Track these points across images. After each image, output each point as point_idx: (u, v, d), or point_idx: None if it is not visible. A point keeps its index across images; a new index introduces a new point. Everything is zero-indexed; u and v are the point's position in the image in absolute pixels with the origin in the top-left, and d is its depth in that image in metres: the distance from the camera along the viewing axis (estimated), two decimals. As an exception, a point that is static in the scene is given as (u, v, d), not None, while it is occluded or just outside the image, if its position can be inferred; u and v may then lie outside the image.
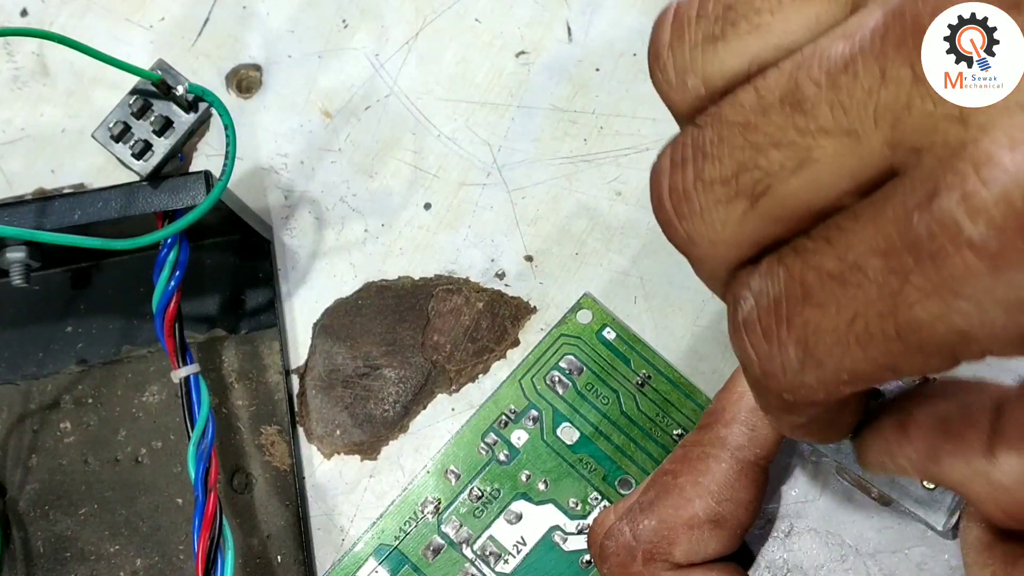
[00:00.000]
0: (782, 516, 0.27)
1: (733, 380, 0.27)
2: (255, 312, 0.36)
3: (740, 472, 0.26)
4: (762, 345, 0.19)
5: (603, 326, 0.34)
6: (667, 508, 0.26)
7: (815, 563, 0.26)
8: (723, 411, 0.27)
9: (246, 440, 0.34)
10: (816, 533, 0.27)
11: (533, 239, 0.36)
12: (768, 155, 0.18)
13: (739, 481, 0.26)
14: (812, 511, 0.27)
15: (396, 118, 0.38)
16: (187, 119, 0.30)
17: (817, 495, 0.27)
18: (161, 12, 0.39)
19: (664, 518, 0.26)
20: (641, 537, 0.26)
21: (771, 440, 0.26)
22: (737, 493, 0.25)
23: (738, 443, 0.26)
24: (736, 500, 0.25)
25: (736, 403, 0.26)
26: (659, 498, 0.26)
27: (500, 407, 0.33)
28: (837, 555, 0.26)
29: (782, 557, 0.27)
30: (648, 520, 0.26)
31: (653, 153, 0.36)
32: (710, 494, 0.25)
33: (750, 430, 0.26)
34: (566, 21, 0.38)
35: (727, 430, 0.26)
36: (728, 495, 0.25)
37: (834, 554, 0.26)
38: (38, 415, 0.35)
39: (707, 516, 0.25)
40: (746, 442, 0.26)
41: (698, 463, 0.26)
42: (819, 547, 0.26)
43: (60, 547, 0.33)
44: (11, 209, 0.30)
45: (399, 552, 0.32)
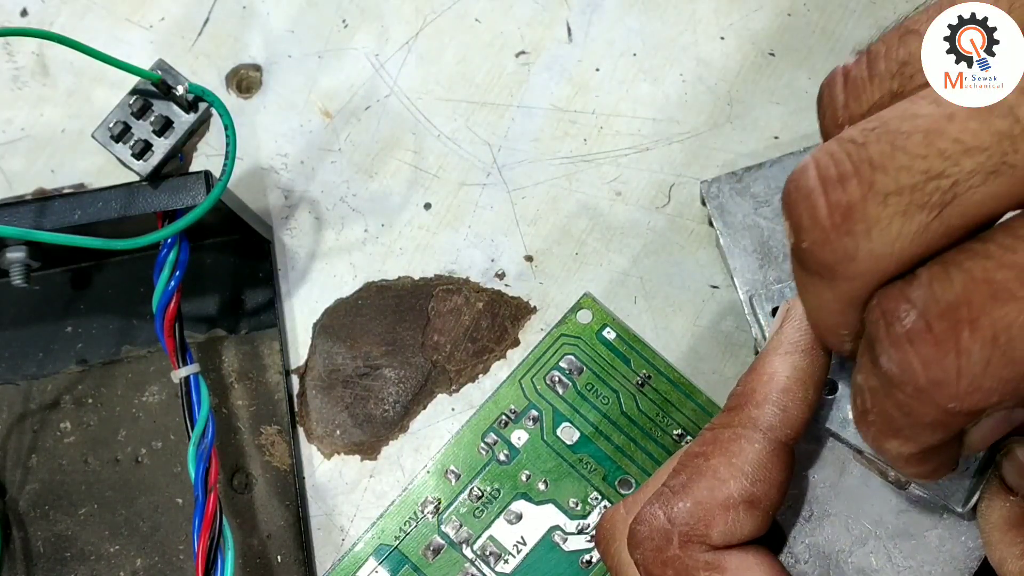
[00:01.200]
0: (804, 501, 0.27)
1: (761, 362, 0.27)
2: (255, 312, 0.36)
3: (772, 452, 0.25)
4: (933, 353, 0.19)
5: (603, 326, 0.34)
6: (702, 489, 0.26)
7: (837, 547, 0.26)
8: (753, 392, 0.26)
9: (246, 440, 0.34)
10: (837, 517, 0.27)
11: (533, 239, 0.36)
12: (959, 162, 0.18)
13: (772, 461, 0.25)
14: (832, 495, 0.27)
15: (396, 118, 0.38)
16: (187, 119, 0.30)
17: (836, 479, 0.27)
18: (161, 12, 0.39)
19: (700, 499, 0.25)
20: (677, 520, 0.25)
21: (801, 421, 0.26)
22: (770, 473, 0.25)
23: (770, 423, 0.26)
24: (769, 480, 0.25)
25: (767, 384, 0.26)
26: (692, 480, 0.26)
27: (500, 407, 0.33)
28: (859, 538, 0.26)
29: (804, 542, 0.27)
30: (683, 502, 0.26)
31: (653, 153, 0.36)
32: (744, 475, 0.25)
33: (781, 410, 0.26)
34: (566, 21, 0.38)
35: (759, 411, 0.26)
36: (762, 475, 0.25)
37: (855, 538, 0.26)
38: (38, 415, 0.35)
39: (742, 497, 0.25)
40: (778, 422, 0.26)
41: (731, 444, 0.26)
42: (841, 531, 0.27)
43: (60, 547, 0.33)
44: (11, 209, 0.30)
45: (399, 552, 0.32)
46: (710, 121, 0.36)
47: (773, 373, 0.26)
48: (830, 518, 0.27)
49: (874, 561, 0.26)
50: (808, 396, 0.26)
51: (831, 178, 0.19)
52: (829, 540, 0.27)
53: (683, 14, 0.38)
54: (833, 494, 0.27)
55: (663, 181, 0.36)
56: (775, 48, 0.37)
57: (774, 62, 0.37)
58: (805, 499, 0.27)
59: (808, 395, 0.26)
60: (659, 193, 0.36)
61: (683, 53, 0.37)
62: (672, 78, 0.37)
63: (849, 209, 0.19)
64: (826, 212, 0.19)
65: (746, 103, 0.36)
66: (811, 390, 0.26)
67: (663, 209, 0.36)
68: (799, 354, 0.26)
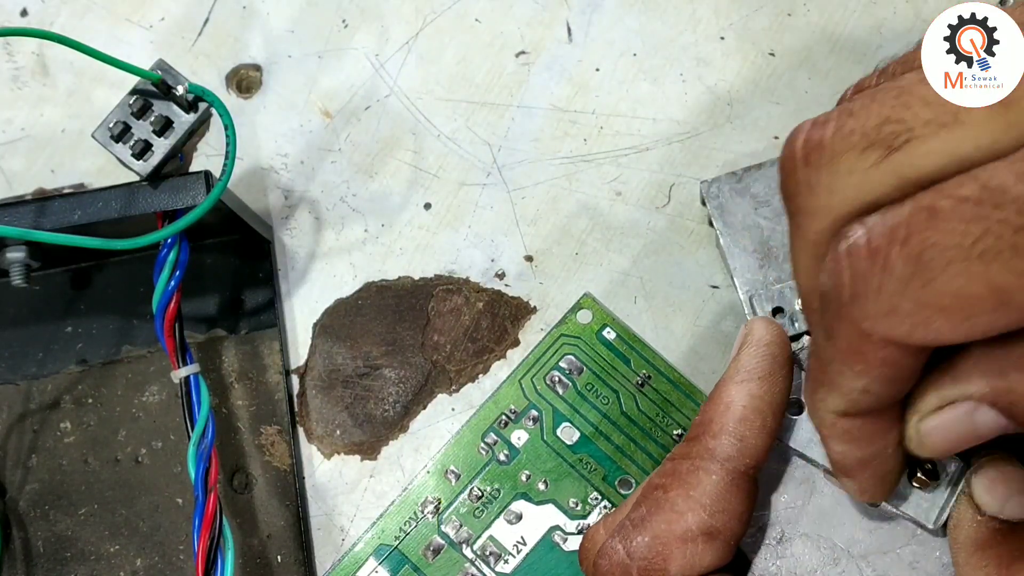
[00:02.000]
0: (773, 523, 0.27)
1: (719, 390, 0.27)
2: (255, 312, 0.36)
3: (731, 483, 0.25)
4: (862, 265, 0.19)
5: (603, 326, 0.34)
6: (660, 523, 0.25)
7: (808, 568, 0.26)
8: (711, 422, 0.26)
9: (246, 440, 0.34)
10: (807, 538, 0.26)
11: (533, 239, 0.36)
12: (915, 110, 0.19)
13: (730, 492, 0.25)
14: (802, 516, 0.27)
15: (396, 118, 0.38)
16: (187, 119, 0.30)
17: (806, 500, 0.27)
18: (161, 12, 0.39)
19: (657, 533, 0.25)
20: (635, 554, 0.25)
21: (760, 449, 0.26)
22: (729, 504, 0.25)
23: (727, 454, 0.26)
24: (728, 511, 0.25)
25: (724, 414, 0.26)
26: (651, 513, 0.26)
27: (500, 407, 0.33)
28: (830, 558, 0.26)
29: (775, 564, 0.26)
30: (641, 536, 0.26)
31: (653, 153, 0.36)
32: (702, 507, 0.25)
33: (739, 440, 0.26)
34: (566, 21, 0.38)
35: (715, 441, 0.26)
36: (720, 507, 0.25)
37: (826, 557, 0.26)
38: (38, 415, 0.35)
39: (700, 529, 0.25)
40: (735, 453, 0.26)
41: (688, 476, 0.26)
42: (811, 552, 0.26)
43: (60, 547, 0.33)
44: (11, 209, 0.30)
45: (399, 552, 0.32)
46: (710, 121, 0.36)
47: (730, 402, 0.26)
48: (800, 539, 0.27)
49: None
50: (767, 423, 0.26)
51: (817, 123, 0.20)
52: (799, 561, 0.26)
53: (683, 14, 0.38)
54: (803, 514, 0.27)
55: (663, 181, 0.36)
56: (775, 48, 0.37)
57: (774, 62, 0.37)
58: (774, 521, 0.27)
59: (766, 423, 0.26)
60: (659, 193, 0.36)
61: (683, 53, 0.37)
62: (672, 78, 0.37)
63: (819, 144, 0.20)
64: (800, 146, 0.21)
65: (746, 103, 0.36)
66: (769, 417, 0.26)
67: (663, 209, 0.36)
68: (755, 381, 0.26)
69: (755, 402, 0.26)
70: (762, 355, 0.26)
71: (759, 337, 0.27)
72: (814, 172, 0.20)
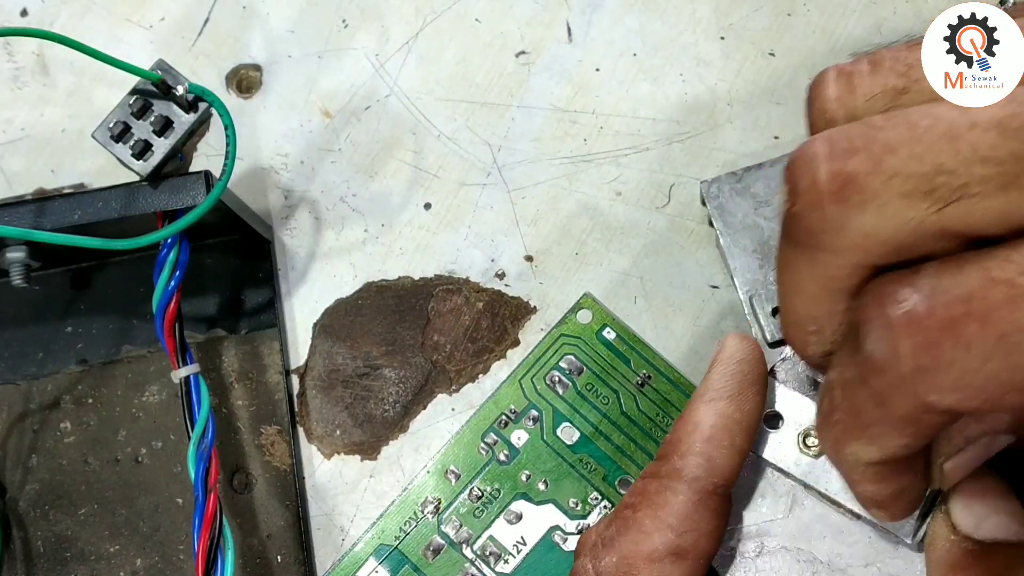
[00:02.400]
0: (751, 536, 0.27)
1: (688, 409, 0.27)
2: (255, 312, 0.36)
3: (699, 503, 0.25)
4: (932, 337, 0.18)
5: (603, 326, 0.34)
6: (627, 543, 0.25)
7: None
8: (679, 442, 0.26)
9: (246, 440, 0.34)
10: (787, 551, 0.26)
11: (533, 239, 0.36)
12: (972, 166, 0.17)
13: (698, 512, 0.25)
14: (781, 529, 0.27)
15: (396, 118, 0.38)
16: (187, 119, 0.30)
17: (786, 513, 0.27)
18: (161, 12, 0.39)
19: (625, 553, 0.25)
20: (604, 573, 0.25)
21: (729, 468, 0.26)
22: (697, 524, 0.25)
23: (694, 474, 0.25)
24: (697, 530, 0.25)
25: (691, 434, 0.26)
26: (619, 533, 0.26)
27: (500, 407, 0.33)
28: (809, 571, 0.26)
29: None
30: (610, 556, 0.26)
31: (653, 153, 0.36)
32: (669, 527, 0.25)
33: (706, 460, 0.26)
34: (566, 21, 0.38)
35: (683, 461, 0.26)
36: (688, 526, 0.25)
37: (806, 570, 0.26)
38: (38, 415, 0.35)
39: (667, 549, 0.25)
40: (702, 473, 0.25)
41: (656, 496, 0.26)
42: (790, 565, 0.26)
43: (60, 547, 0.33)
44: (11, 209, 0.30)
45: (399, 552, 0.32)
46: (710, 121, 0.36)
47: (697, 422, 0.26)
48: (779, 552, 0.26)
49: None
50: (736, 443, 0.26)
51: (840, 149, 0.18)
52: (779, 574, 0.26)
53: (683, 14, 0.38)
54: (782, 527, 0.27)
55: (663, 181, 0.36)
56: (775, 48, 0.37)
57: (774, 62, 0.37)
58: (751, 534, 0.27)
59: (736, 442, 0.26)
60: (659, 193, 0.36)
61: (683, 53, 0.37)
62: (672, 78, 0.37)
63: (851, 178, 0.18)
64: (826, 177, 0.19)
65: (746, 103, 0.36)
66: (739, 436, 0.26)
67: (663, 209, 0.36)
68: (724, 400, 0.26)
69: (724, 421, 0.26)
70: (732, 373, 0.26)
71: (730, 354, 0.27)
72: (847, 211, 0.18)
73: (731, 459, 0.26)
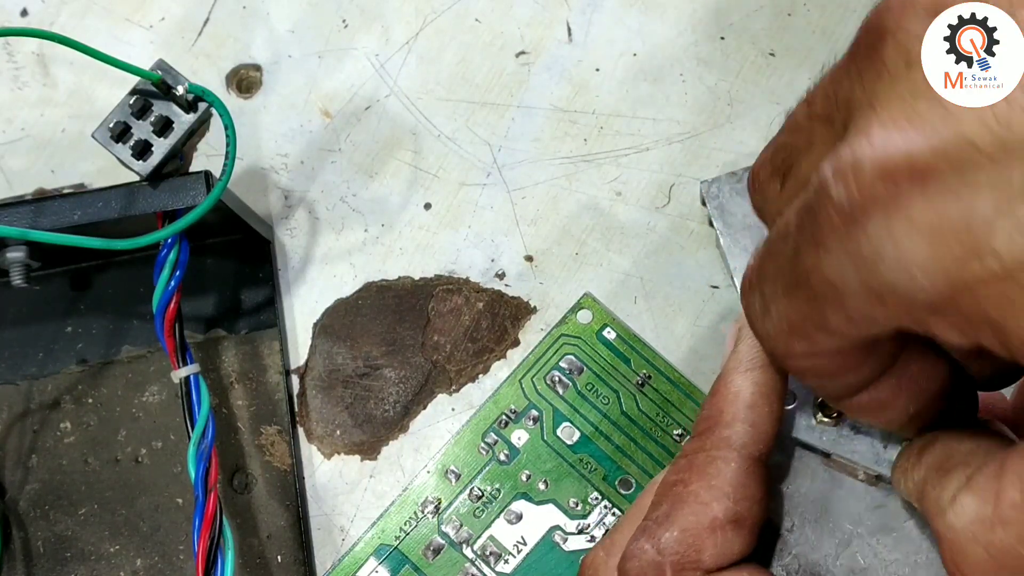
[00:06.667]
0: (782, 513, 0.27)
1: (724, 381, 0.27)
2: (255, 312, 0.36)
3: (749, 469, 0.26)
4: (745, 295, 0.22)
5: (603, 326, 0.34)
6: (687, 516, 0.26)
7: (823, 553, 0.26)
8: (721, 413, 0.27)
9: (246, 440, 0.34)
10: (817, 524, 0.27)
11: (533, 239, 0.36)
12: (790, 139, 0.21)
13: (749, 478, 0.26)
14: (808, 504, 0.27)
15: (396, 118, 0.38)
16: (187, 119, 0.30)
17: (809, 487, 0.27)
18: (161, 12, 0.39)
19: (686, 526, 0.25)
20: (667, 550, 0.25)
21: (770, 434, 0.26)
22: (750, 490, 0.25)
23: (742, 441, 0.26)
24: (751, 497, 0.25)
25: (733, 402, 0.26)
26: (675, 508, 0.26)
27: (500, 407, 0.33)
28: (842, 541, 0.26)
29: (791, 553, 0.27)
30: (670, 532, 0.26)
31: (653, 153, 0.36)
32: (726, 495, 0.25)
33: (751, 426, 0.26)
34: (566, 21, 0.38)
35: (729, 430, 0.26)
36: (742, 493, 0.25)
37: (839, 540, 0.26)
38: (38, 415, 0.35)
39: (727, 517, 0.25)
40: (750, 439, 0.26)
41: (707, 467, 0.26)
42: (823, 537, 0.27)
43: (60, 547, 0.33)
44: (11, 209, 0.30)
45: (399, 552, 0.32)
46: (710, 121, 0.36)
47: (738, 392, 0.26)
48: (810, 526, 0.27)
49: (861, 560, 0.26)
50: (774, 409, 0.26)
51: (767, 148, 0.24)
52: (814, 547, 0.27)
53: (683, 14, 0.38)
54: (808, 502, 0.27)
55: (663, 181, 0.36)
56: (775, 48, 0.37)
57: (774, 62, 0.37)
58: (783, 511, 0.27)
59: (774, 408, 0.26)
60: (659, 193, 0.36)
61: (683, 53, 0.37)
62: (672, 78, 0.37)
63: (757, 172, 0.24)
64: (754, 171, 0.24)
65: (746, 103, 0.36)
66: (775, 403, 0.26)
67: (663, 209, 0.36)
68: (759, 370, 0.26)
69: (761, 388, 0.26)
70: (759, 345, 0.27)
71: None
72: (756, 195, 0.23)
73: (772, 425, 0.26)
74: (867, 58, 0.18)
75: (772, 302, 0.21)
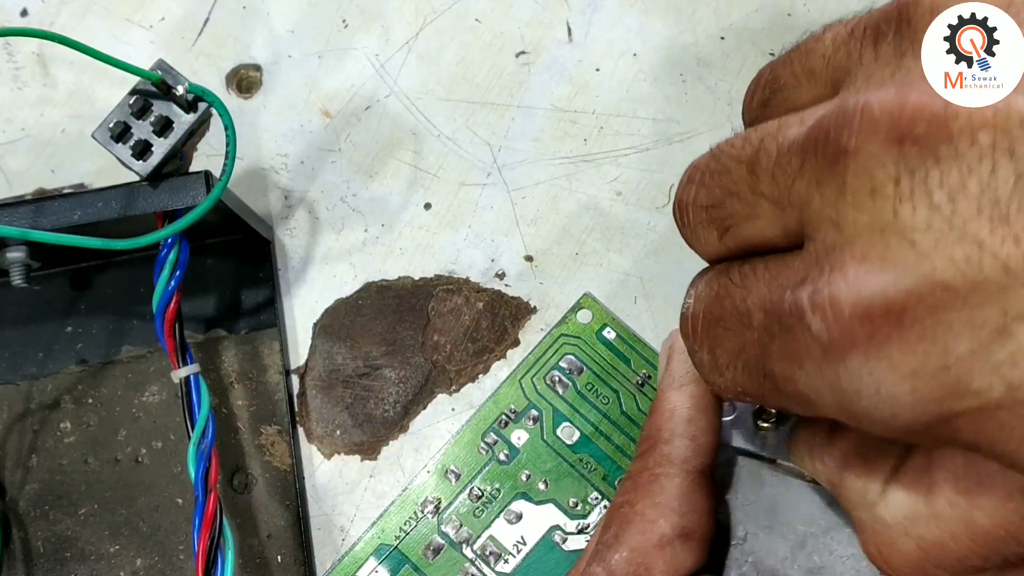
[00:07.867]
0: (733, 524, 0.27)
1: (659, 401, 0.27)
2: (255, 312, 0.36)
3: (693, 483, 0.26)
4: (689, 339, 0.23)
5: (603, 326, 0.34)
6: (634, 536, 0.26)
7: (779, 557, 0.26)
8: (659, 431, 0.27)
9: (246, 440, 0.34)
10: (769, 530, 0.27)
11: (533, 239, 0.36)
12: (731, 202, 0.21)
13: (694, 491, 0.26)
14: (758, 511, 0.27)
15: (396, 118, 0.38)
16: (187, 119, 0.30)
17: (757, 494, 0.27)
18: (161, 12, 0.39)
19: (634, 546, 0.25)
20: (617, 571, 0.25)
21: (710, 446, 0.27)
22: (696, 503, 0.26)
23: (683, 456, 0.26)
24: (697, 510, 0.26)
25: (671, 419, 0.27)
26: (623, 529, 0.26)
27: (500, 407, 0.33)
28: (797, 543, 0.26)
29: (747, 562, 0.27)
30: (620, 553, 0.26)
31: (653, 153, 0.36)
32: (672, 510, 0.25)
33: (691, 440, 0.26)
34: (566, 21, 0.38)
35: (669, 446, 0.26)
36: (688, 507, 0.25)
37: (793, 543, 0.26)
38: (38, 415, 0.35)
39: (675, 532, 0.25)
40: (691, 453, 0.26)
41: (651, 485, 0.26)
42: (776, 541, 0.26)
43: (60, 547, 0.33)
44: (11, 209, 0.30)
45: (399, 552, 0.32)
46: (710, 121, 0.36)
47: (674, 408, 0.27)
48: (764, 532, 0.27)
49: (818, 559, 0.26)
50: (712, 421, 0.27)
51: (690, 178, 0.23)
52: (770, 553, 0.26)
53: (683, 14, 0.38)
54: (759, 509, 0.27)
55: (663, 181, 0.36)
56: (775, 48, 0.37)
57: (774, 62, 0.37)
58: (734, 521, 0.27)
59: (712, 420, 0.27)
60: (659, 193, 0.36)
61: (683, 53, 0.37)
62: (672, 78, 0.37)
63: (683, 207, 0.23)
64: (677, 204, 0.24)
65: (746, 103, 0.36)
66: (713, 415, 0.27)
67: (663, 209, 0.36)
68: (694, 384, 0.27)
69: (697, 402, 0.27)
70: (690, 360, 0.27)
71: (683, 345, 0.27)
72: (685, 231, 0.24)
73: (711, 437, 0.27)
74: (825, 170, 0.18)
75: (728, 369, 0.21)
